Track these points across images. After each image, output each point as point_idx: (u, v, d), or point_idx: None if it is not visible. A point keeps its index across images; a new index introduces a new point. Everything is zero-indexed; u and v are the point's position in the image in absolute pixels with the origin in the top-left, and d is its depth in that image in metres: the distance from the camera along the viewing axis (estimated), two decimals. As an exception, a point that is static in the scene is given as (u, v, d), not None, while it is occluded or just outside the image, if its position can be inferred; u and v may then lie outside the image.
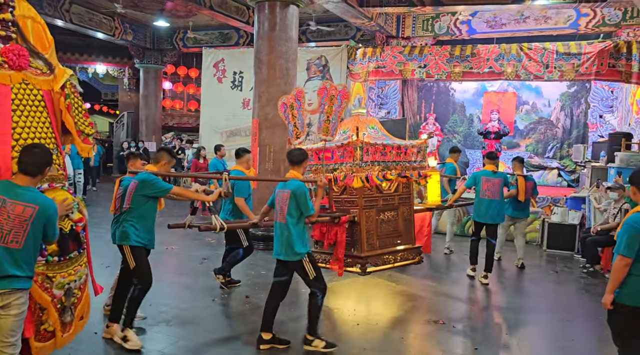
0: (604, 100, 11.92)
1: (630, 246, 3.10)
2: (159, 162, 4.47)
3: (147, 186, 4.16)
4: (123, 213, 4.24)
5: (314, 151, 5.66)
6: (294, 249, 4.09)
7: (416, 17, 12.14)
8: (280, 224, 4.17)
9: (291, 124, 5.93)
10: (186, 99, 16.45)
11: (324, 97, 5.64)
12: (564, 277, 6.95)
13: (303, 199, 4.09)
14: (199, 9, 10.88)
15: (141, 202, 4.19)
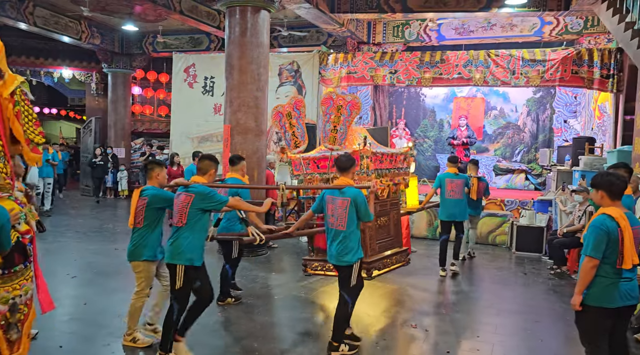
0: (568, 105, 12.30)
1: (597, 247, 3.19)
2: (208, 172, 4.22)
3: (205, 199, 4.00)
4: (179, 229, 4.01)
5: (312, 160, 5.70)
6: (350, 255, 4.19)
7: (387, 23, 12.28)
8: (337, 230, 4.22)
9: (288, 133, 5.94)
10: (156, 104, 16.17)
11: (329, 106, 5.68)
12: (533, 278, 7.11)
13: (364, 206, 4.20)
14: (168, 14, 10.74)
15: (198, 216, 4.01)
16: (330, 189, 4.38)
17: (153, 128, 16.37)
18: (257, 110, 8.05)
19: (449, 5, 10.04)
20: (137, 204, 4.26)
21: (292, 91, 11.68)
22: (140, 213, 4.25)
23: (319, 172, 5.70)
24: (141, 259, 4.29)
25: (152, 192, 4.29)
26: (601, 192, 3.31)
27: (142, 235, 4.27)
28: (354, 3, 10.33)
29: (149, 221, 4.27)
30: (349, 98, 5.63)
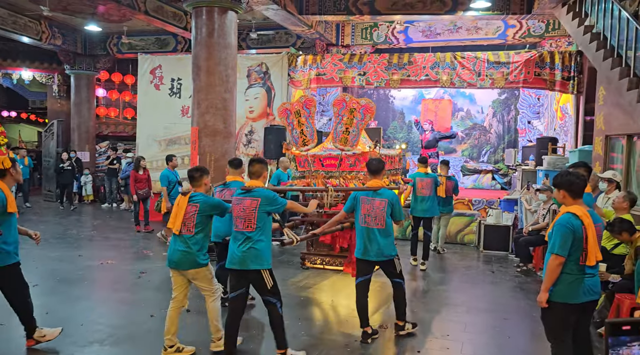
0: (531, 106, 12.64)
1: (564, 245, 3.25)
2: (261, 174, 4.23)
3: (270, 202, 4.03)
4: (249, 234, 3.97)
5: (317, 157, 5.96)
6: (392, 249, 4.60)
7: (355, 25, 12.35)
8: (374, 229, 4.54)
9: (297, 130, 6.05)
10: (122, 107, 15.81)
11: (341, 108, 5.81)
12: (500, 276, 7.24)
13: (398, 207, 4.60)
14: (133, 14, 10.51)
15: (265, 219, 4.04)
16: (365, 191, 4.67)
17: (119, 131, 15.98)
18: (226, 112, 7.95)
19: (416, 8, 10.18)
20: (187, 210, 4.16)
21: (261, 93, 11.60)
22: (191, 219, 4.15)
23: (324, 170, 5.91)
24: (202, 265, 4.24)
25: (203, 199, 4.22)
26: (563, 191, 3.39)
27: (197, 242, 4.18)
28: (322, 5, 10.35)
29: (202, 227, 4.20)
30: (363, 102, 5.81)
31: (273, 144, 10.60)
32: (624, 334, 1.40)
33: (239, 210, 4.02)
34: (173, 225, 4.16)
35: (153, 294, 5.99)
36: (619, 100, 7.10)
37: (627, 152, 7.15)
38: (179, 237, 4.17)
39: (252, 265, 3.96)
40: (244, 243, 3.97)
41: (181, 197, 4.22)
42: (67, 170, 13.15)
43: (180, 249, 4.16)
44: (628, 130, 7.02)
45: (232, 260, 4.04)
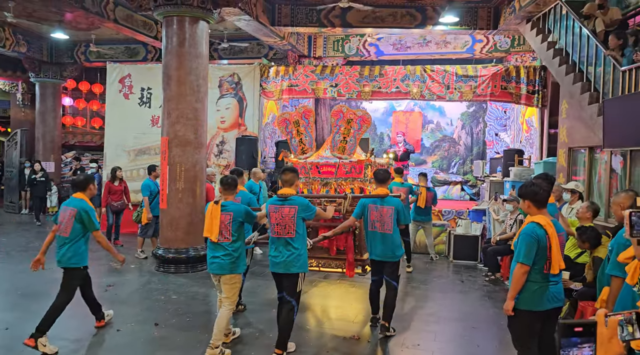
0: (498, 119, 12.97)
1: (528, 254, 3.34)
2: (294, 183, 4.46)
3: (305, 209, 4.33)
4: (290, 240, 4.27)
5: (314, 165, 6.28)
6: (399, 250, 5.07)
7: (327, 37, 12.48)
8: (383, 233, 4.98)
9: (295, 139, 6.42)
10: (89, 116, 15.48)
11: (339, 119, 6.20)
12: (469, 285, 7.35)
13: (403, 213, 5.08)
14: (102, 22, 10.34)
15: (301, 225, 4.34)
16: (375, 199, 5.08)
17: (86, 141, 15.63)
18: (197, 122, 7.87)
19: (387, 22, 10.37)
20: (222, 219, 4.34)
21: (232, 103, 11.54)
22: (227, 228, 4.36)
23: (320, 177, 6.28)
24: (239, 271, 4.49)
25: (235, 207, 4.42)
26: (527, 201, 3.49)
27: (236, 249, 4.40)
28: (295, 16, 10.43)
29: (238, 234, 4.43)
30: (359, 113, 6.22)
31: (245, 154, 10.54)
32: (576, 335, 1.42)
33: (278, 218, 4.29)
34: (210, 233, 4.35)
35: (120, 307, 5.83)
36: (580, 114, 7.36)
37: (588, 163, 7.40)
38: (217, 244, 4.37)
39: (294, 268, 4.29)
40: (286, 248, 4.29)
41: (213, 205, 4.39)
42: (40, 182, 12.49)
43: (221, 254, 4.37)
44: (589, 143, 7.27)
45: (275, 264, 4.34)
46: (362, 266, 5.82)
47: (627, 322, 1.48)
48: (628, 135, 5.79)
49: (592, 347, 1.41)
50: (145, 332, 5.12)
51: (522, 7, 8.63)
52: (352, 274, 5.67)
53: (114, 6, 10.31)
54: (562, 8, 7.87)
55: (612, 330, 1.50)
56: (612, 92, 6.37)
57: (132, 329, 5.20)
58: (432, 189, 9.09)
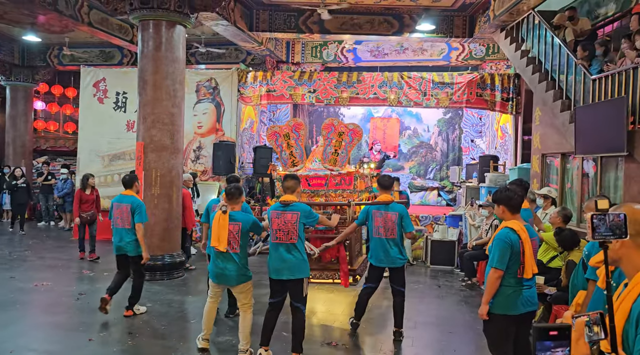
0: (474, 126, 13.17)
1: (502, 259, 3.38)
2: (296, 190, 4.47)
3: (307, 216, 4.37)
4: (293, 245, 4.31)
5: (303, 177, 6.19)
6: (400, 257, 5.07)
7: (305, 43, 12.50)
8: (388, 239, 5.01)
9: (286, 152, 6.46)
10: (62, 120, 15.13)
11: (330, 132, 6.29)
12: (446, 290, 7.40)
13: (407, 219, 5.06)
14: (76, 25, 10.15)
15: (302, 231, 4.38)
16: (380, 206, 5.08)
17: (58, 146, 15.27)
18: (173, 127, 7.77)
19: (364, 29, 10.45)
20: (230, 229, 4.34)
21: (210, 108, 11.45)
22: (235, 238, 4.36)
23: (310, 189, 6.24)
24: (249, 279, 4.53)
25: (243, 218, 4.44)
26: (502, 206, 3.54)
27: (242, 258, 4.44)
28: (273, 22, 10.42)
29: (244, 244, 4.46)
30: (351, 126, 6.33)
31: (222, 160, 10.46)
32: (550, 339, 1.43)
33: (280, 224, 4.33)
34: (218, 243, 4.32)
35: (92, 316, 5.69)
36: (553, 121, 7.52)
37: (561, 169, 7.56)
38: (226, 254, 4.36)
39: (299, 274, 4.31)
40: (289, 254, 4.30)
41: (221, 215, 4.36)
42: (21, 188, 11.69)
43: (230, 266, 4.39)
44: (562, 149, 7.43)
45: (277, 270, 4.33)
46: (353, 275, 5.89)
47: (593, 323, 1.50)
48: (599, 141, 5.94)
49: (565, 351, 1.42)
50: (118, 341, 5.00)
51: (497, 16, 8.80)
52: (347, 284, 5.68)
53: (88, 9, 10.14)
54: (535, 18, 8.05)
55: (579, 331, 1.51)
56: (583, 100, 6.53)
57: (105, 338, 5.08)
58: (405, 192, 9.32)
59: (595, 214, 1.61)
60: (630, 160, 5.50)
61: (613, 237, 1.60)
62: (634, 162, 5.46)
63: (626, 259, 1.71)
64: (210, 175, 11.16)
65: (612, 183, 6.15)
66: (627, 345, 1.59)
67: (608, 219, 1.60)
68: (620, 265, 1.75)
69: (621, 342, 1.61)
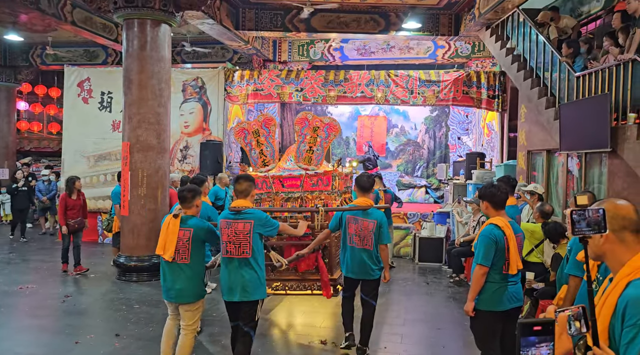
0: (460, 123, 13.24)
1: (487, 255, 3.40)
2: (250, 193, 3.79)
3: (264, 224, 3.73)
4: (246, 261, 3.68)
5: (277, 178, 5.66)
6: (375, 268, 4.47)
7: (292, 42, 12.47)
8: (363, 249, 4.42)
9: (255, 151, 5.85)
10: (46, 121, 14.93)
11: (304, 127, 5.67)
12: (434, 287, 7.44)
13: (385, 229, 4.45)
14: (59, 24, 10.00)
15: (259, 244, 3.74)
16: (357, 211, 4.45)
17: (42, 146, 15.07)
18: (159, 126, 7.71)
19: (351, 27, 10.45)
20: (179, 236, 3.78)
21: (196, 108, 11.37)
22: (185, 247, 3.80)
23: (284, 191, 5.66)
24: (200, 298, 3.94)
25: (196, 223, 3.86)
26: (486, 202, 3.57)
27: (194, 271, 3.85)
28: (259, 21, 10.38)
29: (198, 254, 3.87)
30: (326, 120, 5.69)
31: (209, 159, 10.39)
32: (534, 334, 1.43)
33: (231, 235, 3.68)
34: (163, 251, 3.80)
35: (78, 319, 5.63)
36: (538, 118, 7.59)
37: (546, 166, 7.64)
38: (172, 265, 3.82)
39: (252, 295, 3.69)
40: (240, 271, 3.67)
41: (171, 219, 3.82)
42: (21, 192, 10.91)
43: (178, 279, 3.81)
44: (547, 146, 7.51)
45: (229, 291, 3.71)
46: (333, 286, 5.39)
47: (575, 318, 1.51)
48: (583, 138, 6.01)
49: (549, 345, 1.42)
50: (105, 343, 4.94)
51: (482, 14, 8.85)
52: (329, 295, 5.21)
53: (71, 8, 10.00)
54: (520, 16, 8.12)
55: (562, 326, 1.52)
56: (568, 97, 6.60)
57: (92, 340, 5.02)
58: (389, 190, 9.24)
59: (575, 209, 1.61)
60: (614, 156, 5.58)
61: (592, 232, 1.61)
62: (617, 158, 5.53)
63: (610, 254, 1.73)
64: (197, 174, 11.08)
65: (596, 179, 6.23)
66: (614, 339, 1.60)
67: (587, 214, 1.60)
68: (605, 260, 1.76)
69: (607, 337, 1.62)
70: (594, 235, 1.65)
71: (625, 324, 1.56)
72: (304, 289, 5.46)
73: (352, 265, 4.48)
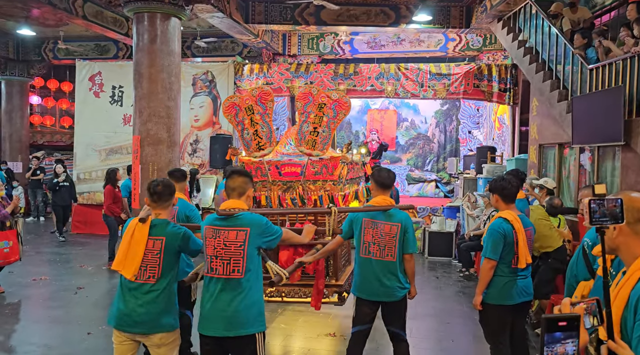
0: (471, 117, 13.15)
1: (495, 249, 3.39)
2: (245, 192, 2.92)
3: (263, 232, 2.83)
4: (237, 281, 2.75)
5: (273, 164, 4.69)
6: (399, 286, 3.54)
7: (301, 35, 12.43)
8: (381, 261, 3.47)
9: (249, 131, 4.75)
10: (58, 115, 15.07)
11: (307, 104, 4.61)
12: (444, 281, 7.43)
13: (412, 235, 3.53)
14: (70, 19, 10.07)
15: (256, 258, 2.83)
16: (375, 212, 3.56)
17: (55, 140, 15.22)
18: (169, 120, 7.75)
19: (361, 20, 10.39)
20: (148, 247, 2.89)
21: (206, 102, 11.41)
22: (153, 262, 2.89)
23: (282, 180, 4.68)
24: (174, 328, 3.00)
25: (171, 230, 2.95)
26: (496, 196, 3.54)
27: (165, 295, 2.93)
28: (268, 14, 10.36)
29: (169, 272, 2.95)
30: (335, 95, 4.67)
31: (219, 153, 10.43)
32: (559, 330, 1.39)
33: (218, 247, 2.77)
34: (122, 267, 2.91)
35: (91, 310, 5.70)
36: (550, 111, 7.51)
37: (558, 160, 7.56)
38: (134, 285, 2.91)
39: (247, 327, 2.73)
40: (230, 295, 2.74)
41: (138, 225, 2.91)
42: (63, 187, 10.10)
43: (141, 304, 2.88)
44: (559, 140, 7.43)
45: (209, 321, 2.77)
46: (339, 293, 4.36)
47: (590, 313, 1.49)
48: (596, 131, 5.94)
49: (575, 342, 1.39)
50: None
51: (493, 6, 8.75)
52: (318, 305, 4.02)
53: (82, 2, 10.05)
54: (532, 7, 8.02)
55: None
56: (580, 90, 6.52)
57: (103, 331, 5.08)
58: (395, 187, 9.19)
59: (593, 199, 1.59)
60: (627, 149, 5.50)
61: (609, 222, 1.59)
62: (630, 151, 5.46)
63: (624, 247, 1.71)
64: (208, 168, 11.14)
65: (609, 172, 6.15)
66: (626, 332, 1.60)
67: (605, 204, 1.58)
68: (618, 253, 1.75)
69: (619, 330, 1.61)
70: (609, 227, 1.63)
71: (638, 317, 1.56)
72: (304, 296, 4.44)
73: (367, 283, 3.52)
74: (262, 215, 2.94)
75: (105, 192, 8.08)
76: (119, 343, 3.00)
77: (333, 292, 4.37)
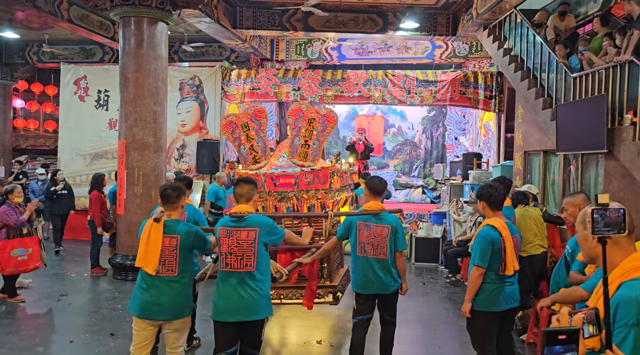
0: (457, 123, 13.26)
1: (483, 257, 3.41)
2: (252, 198, 3.41)
3: (270, 232, 3.30)
4: (251, 275, 3.23)
5: (269, 176, 5.07)
6: (392, 280, 4.03)
7: (289, 41, 12.45)
8: (378, 259, 3.97)
9: (245, 146, 5.28)
10: (42, 119, 14.86)
11: (298, 119, 5.18)
12: (431, 287, 7.45)
13: (402, 234, 4.04)
14: (55, 22, 9.95)
15: (264, 253, 3.30)
16: (368, 216, 4.03)
17: (39, 144, 14.99)
18: (156, 125, 7.69)
19: (348, 26, 10.44)
20: (165, 244, 3.32)
21: (193, 106, 11.35)
22: (171, 257, 3.33)
23: (277, 191, 5.08)
24: (190, 313, 3.53)
25: (184, 229, 3.41)
26: (483, 203, 3.57)
27: (184, 285, 3.41)
28: (256, 19, 10.36)
29: (185, 266, 3.40)
30: (323, 111, 5.21)
31: (206, 158, 10.38)
32: (559, 343, 1.38)
33: (232, 245, 3.23)
34: (145, 263, 3.31)
35: (73, 318, 5.61)
36: (535, 119, 7.60)
37: (543, 167, 7.65)
38: (156, 279, 3.33)
39: (258, 313, 3.24)
40: (244, 287, 3.22)
41: (153, 224, 3.32)
42: (61, 196, 9.55)
43: (164, 294, 3.32)
44: (544, 147, 7.52)
45: (227, 310, 3.23)
46: (333, 293, 4.74)
47: (589, 322, 1.49)
48: (580, 139, 6.02)
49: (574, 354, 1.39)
50: (100, 342, 4.92)
51: (479, 14, 8.85)
52: (310, 305, 4.40)
53: (68, 5, 9.95)
54: (517, 16, 8.13)
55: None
56: (565, 98, 6.61)
57: (86, 339, 5.00)
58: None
59: (596, 208, 1.57)
60: (610, 157, 5.58)
61: (612, 232, 1.58)
62: (613, 159, 5.54)
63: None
64: (194, 173, 11.07)
65: (592, 180, 6.24)
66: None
67: (609, 214, 1.57)
68: (597, 262, 1.76)
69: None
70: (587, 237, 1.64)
71: (617, 324, 1.58)
72: (300, 298, 4.73)
73: (365, 279, 3.99)
74: (269, 217, 3.45)
75: (93, 197, 7.94)
76: (142, 330, 3.41)
77: (328, 293, 4.78)
